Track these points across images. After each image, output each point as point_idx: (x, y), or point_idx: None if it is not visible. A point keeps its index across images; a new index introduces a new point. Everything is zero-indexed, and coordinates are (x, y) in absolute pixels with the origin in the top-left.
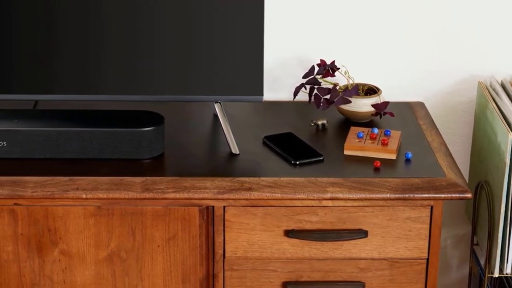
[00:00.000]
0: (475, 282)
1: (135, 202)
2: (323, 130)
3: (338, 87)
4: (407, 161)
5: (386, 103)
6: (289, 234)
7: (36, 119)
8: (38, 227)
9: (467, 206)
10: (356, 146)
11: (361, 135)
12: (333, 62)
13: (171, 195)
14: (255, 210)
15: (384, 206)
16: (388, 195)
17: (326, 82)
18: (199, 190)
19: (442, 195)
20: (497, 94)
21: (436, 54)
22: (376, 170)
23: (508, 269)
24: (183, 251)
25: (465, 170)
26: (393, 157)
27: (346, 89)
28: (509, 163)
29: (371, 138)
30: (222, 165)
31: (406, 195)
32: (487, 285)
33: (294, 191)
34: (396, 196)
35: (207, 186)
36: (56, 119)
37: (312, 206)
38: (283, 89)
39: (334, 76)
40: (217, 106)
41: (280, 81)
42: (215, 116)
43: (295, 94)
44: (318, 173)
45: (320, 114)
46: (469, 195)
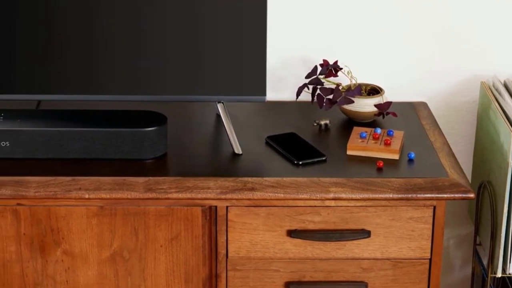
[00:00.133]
0: (478, 282)
1: (138, 202)
2: (326, 130)
3: (341, 87)
4: (410, 161)
5: (389, 103)
6: (291, 234)
7: (38, 119)
8: (40, 227)
9: (470, 206)
10: (359, 146)
11: (364, 135)
12: (336, 62)
13: (174, 195)
14: (258, 210)
15: (387, 206)
16: (391, 195)
17: (329, 82)
18: (202, 190)
19: (445, 195)
20: (499, 94)
21: (439, 54)
22: (379, 170)
23: (510, 269)
24: (186, 251)
25: (468, 170)
26: (396, 157)
27: (349, 89)
28: (511, 163)
29: (374, 138)
30: (225, 165)
31: (409, 195)
32: (490, 285)
33: (297, 191)
34: (399, 196)
35: (210, 186)
36: (58, 119)
37: (315, 206)
38: (286, 89)
39: (337, 76)
40: (220, 106)
41: (283, 81)
42: (218, 116)
43: (298, 94)
44: (321, 173)
45: (323, 114)
46: (471, 195)
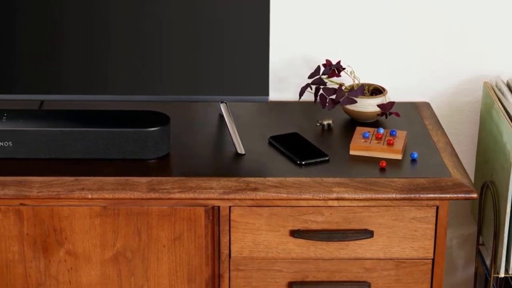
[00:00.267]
0: (481, 282)
1: (141, 202)
2: (329, 130)
3: (343, 87)
4: (413, 161)
5: (391, 103)
6: (294, 234)
7: (41, 119)
8: (43, 227)
9: (473, 206)
10: (361, 146)
11: (366, 135)
12: (338, 62)
13: (177, 195)
14: (261, 210)
15: (389, 206)
16: (393, 195)
17: (332, 82)
18: (205, 190)
19: (448, 195)
20: (502, 94)
21: (442, 55)
22: (381, 170)
23: None
24: (189, 251)
25: (470, 170)
26: (398, 157)
27: (351, 89)
28: None
29: (377, 138)
30: (227, 165)
31: (412, 195)
32: (493, 285)
33: (299, 191)
34: (401, 196)
35: (213, 186)
36: (61, 119)
37: (317, 206)
38: (289, 89)
39: (339, 76)
40: (222, 106)
41: (285, 81)
42: (221, 116)
43: (301, 94)
44: (324, 173)
45: (325, 114)
46: (474, 195)
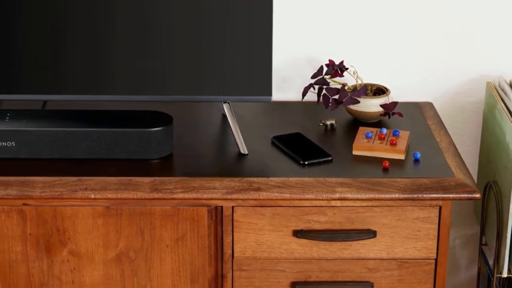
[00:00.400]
0: (484, 282)
1: (144, 202)
2: (332, 130)
3: (346, 87)
4: (416, 161)
5: (394, 103)
6: (297, 234)
7: (44, 119)
8: (46, 227)
9: (476, 206)
10: (364, 146)
11: (369, 135)
12: (341, 62)
13: (180, 195)
14: (264, 210)
15: (392, 206)
16: (396, 195)
17: (335, 82)
18: (208, 190)
19: (451, 195)
20: (505, 94)
21: (444, 54)
22: (384, 170)
23: None
24: (192, 251)
25: (473, 170)
26: (401, 157)
27: (354, 89)
28: None
29: (380, 138)
30: (230, 165)
31: (415, 195)
32: (496, 285)
33: (302, 191)
34: (404, 196)
35: (216, 186)
36: (64, 119)
37: (320, 206)
38: (292, 89)
39: (342, 76)
40: (225, 106)
41: (288, 81)
42: (224, 116)
43: (304, 94)
44: (327, 173)
45: (328, 114)
46: (477, 195)
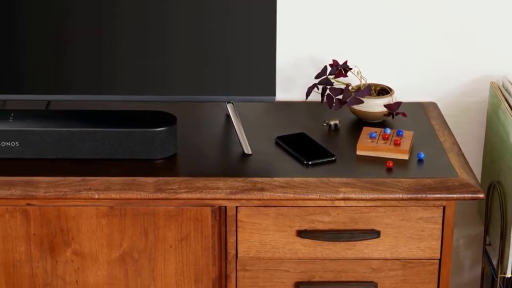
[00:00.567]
0: (488, 283)
1: (148, 202)
2: (336, 130)
3: (350, 87)
4: (420, 161)
5: (398, 104)
6: (301, 234)
7: (48, 119)
8: (50, 227)
9: (480, 206)
10: (368, 146)
11: (373, 135)
12: (345, 62)
13: (184, 195)
14: (268, 211)
15: (396, 206)
16: (400, 195)
17: (339, 82)
18: (212, 190)
19: (455, 196)
20: (509, 94)
21: (448, 55)
22: (388, 170)
23: None
24: (196, 252)
25: (477, 170)
26: (405, 157)
27: (358, 89)
28: None
29: (384, 139)
30: (234, 165)
31: (419, 195)
32: (500, 285)
33: (306, 191)
34: (408, 196)
35: (220, 186)
36: (68, 119)
37: (324, 206)
38: (296, 89)
39: (346, 76)
40: (229, 107)
41: (292, 81)
42: (228, 116)
43: (308, 94)
44: (331, 173)
45: (332, 114)
46: (481, 196)
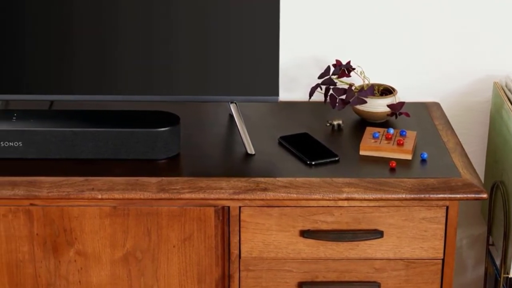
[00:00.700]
0: (491, 282)
1: (151, 202)
2: (339, 131)
3: (353, 88)
4: (423, 161)
5: (401, 104)
6: (304, 234)
7: (51, 120)
8: (53, 228)
9: (483, 206)
10: (371, 146)
11: (376, 136)
12: (348, 62)
13: (187, 196)
14: (271, 211)
15: (399, 206)
16: (403, 196)
17: (342, 83)
18: (215, 191)
19: (458, 196)
20: None
21: (451, 55)
22: (391, 170)
23: None
24: (199, 252)
25: (480, 170)
26: (408, 157)
27: (361, 89)
28: None
29: (387, 139)
30: (237, 165)
31: (422, 196)
32: (503, 285)
33: (309, 192)
34: (411, 196)
35: (223, 187)
36: (71, 120)
37: (327, 206)
38: (299, 89)
39: (349, 76)
40: (232, 107)
41: (295, 81)
42: (231, 116)
43: (311, 94)
44: (334, 173)
45: (335, 115)
46: (484, 196)
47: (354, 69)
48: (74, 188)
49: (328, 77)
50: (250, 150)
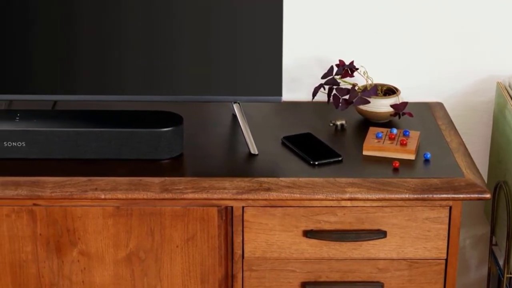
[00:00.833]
0: (494, 283)
1: (154, 202)
2: (342, 131)
3: (357, 88)
4: (426, 161)
5: (405, 104)
6: (307, 234)
7: (54, 120)
8: (57, 228)
9: (486, 206)
10: (375, 146)
11: (380, 136)
12: (352, 62)
13: (190, 196)
14: (274, 211)
15: (403, 206)
16: (407, 196)
17: (345, 83)
18: (218, 191)
19: (461, 196)
20: None
21: (455, 55)
22: (395, 170)
23: None
24: (202, 252)
25: (484, 170)
26: (412, 157)
27: (365, 89)
28: None
29: (390, 139)
30: (241, 165)
31: (425, 196)
32: (506, 285)
33: (313, 192)
34: (415, 196)
35: (226, 187)
36: (74, 120)
37: (331, 206)
38: (302, 89)
39: (353, 76)
40: (236, 107)
41: (299, 81)
42: (234, 116)
43: (314, 94)
44: (337, 173)
45: (339, 115)
46: (487, 196)
47: (357, 69)
48: (77, 188)
49: (331, 77)
50: (253, 150)
